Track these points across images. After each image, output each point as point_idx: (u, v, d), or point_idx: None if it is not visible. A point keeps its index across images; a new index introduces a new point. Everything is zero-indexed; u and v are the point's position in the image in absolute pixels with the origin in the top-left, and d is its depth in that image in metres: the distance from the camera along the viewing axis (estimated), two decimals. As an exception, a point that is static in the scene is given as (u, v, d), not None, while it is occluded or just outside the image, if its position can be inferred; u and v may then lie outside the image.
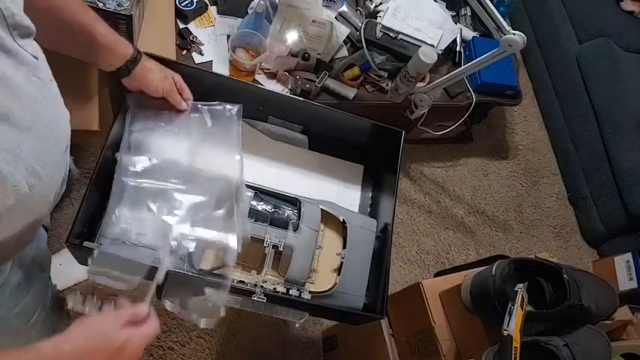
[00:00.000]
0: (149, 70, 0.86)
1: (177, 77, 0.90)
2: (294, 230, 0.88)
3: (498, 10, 1.19)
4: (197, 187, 0.89)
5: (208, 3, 1.52)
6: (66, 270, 1.42)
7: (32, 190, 0.58)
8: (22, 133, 0.54)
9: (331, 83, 1.53)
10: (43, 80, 0.60)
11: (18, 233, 0.63)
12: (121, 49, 0.82)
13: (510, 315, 0.90)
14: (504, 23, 1.19)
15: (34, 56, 0.57)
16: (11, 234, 0.61)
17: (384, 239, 0.96)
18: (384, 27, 1.58)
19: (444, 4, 1.77)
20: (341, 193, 1.04)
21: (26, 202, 0.59)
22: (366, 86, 1.61)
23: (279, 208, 0.93)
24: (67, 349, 0.57)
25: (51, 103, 0.62)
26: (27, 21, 0.55)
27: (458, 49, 1.72)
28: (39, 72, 0.59)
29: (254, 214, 0.90)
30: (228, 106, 0.95)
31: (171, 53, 1.38)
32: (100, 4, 1.12)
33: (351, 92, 1.55)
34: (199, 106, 0.94)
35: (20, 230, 0.63)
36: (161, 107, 0.92)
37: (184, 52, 1.44)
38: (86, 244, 0.80)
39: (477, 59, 1.35)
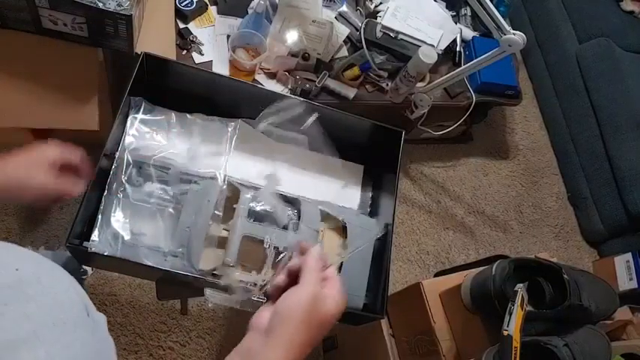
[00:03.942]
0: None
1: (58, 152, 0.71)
2: (294, 230, 0.88)
3: (498, 10, 1.19)
4: (196, 188, 0.89)
5: (208, 3, 1.52)
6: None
7: None
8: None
9: (331, 83, 1.53)
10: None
11: None
12: None
13: (510, 315, 0.90)
14: (504, 23, 1.19)
15: None
16: None
17: (384, 239, 0.96)
18: (384, 27, 1.58)
19: (444, 4, 1.76)
20: (341, 193, 1.04)
21: None
22: (366, 86, 1.61)
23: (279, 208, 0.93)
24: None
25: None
26: None
27: (458, 49, 1.72)
28: None
29: (254, 215, 0.90)
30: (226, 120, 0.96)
31: (171, 53, 1.38)
32: (100, 4, 1.12)
33: (351, 92, 1.55)
34: (198, 120, 0.95)
35: None
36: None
37: (184, 52, 1.44)
38: (85, 244, 0.80)
39: (477, 59, 1.35)
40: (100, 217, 0.83)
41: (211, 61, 1.46)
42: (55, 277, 0.47)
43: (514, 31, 1.18)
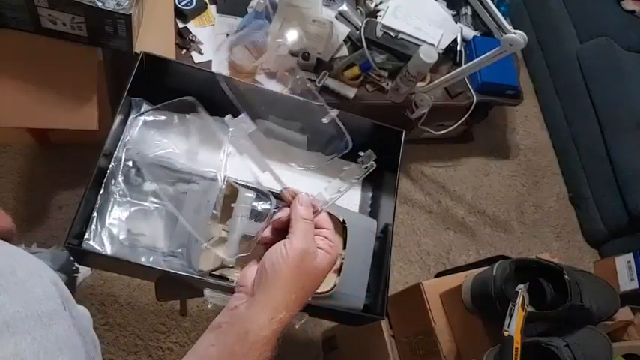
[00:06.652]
0: None
1: None
2: (294, 230, 0.88)
3: (499, 10, 1.19)
4: (195, 188, 0.89)
5: (208, 2, 1.51)
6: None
7: None
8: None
9: (331, 83, 1.52)
10: None
11: None
12: None
13: (511, 315, 0.90)
14: (505, 22, 1.18)
15: None
16: None
17: (384, 239, 0.96)
18: (384, 26, 1.58)
19: (445, 3, 1.76)
20: (341, 193, 1.04)
21: None
22: (367, 86, 1.60)
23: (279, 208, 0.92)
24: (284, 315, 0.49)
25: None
26: None
27: (458, 48, 1.72)
28: None
29: (254, 215, 0.89)
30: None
31: (170, 53, 1.37)
32: (99, 4, 1.12)
33: (351, 92, 1.55)
34: (198, 120, 0.94)
35: None
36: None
37: (184, 51, 1.44)
38: (85, 244, 0.80)
39: (478, 59, 1.35)
40: (95, 215, 0.83)
41: (211, 60, 1.45)
42: (32, 270, 0.47)
43: (515, 31, 1.18)
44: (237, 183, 0.90)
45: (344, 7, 1.58)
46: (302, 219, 0.53)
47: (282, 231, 0.54)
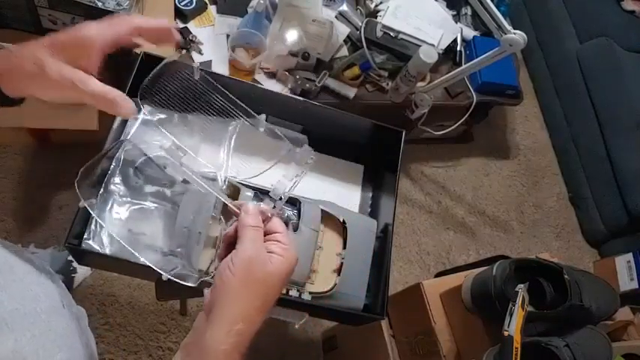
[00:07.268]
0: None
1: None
2: (294, 231, 0.88)
3: (499, 10, 1.19)
4: (194, 188, 0.88)
5: (208, 2, 1.51)
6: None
7: None
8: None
9: (331, 83, 1.52)
10: None
11: None
12: None
13: (511, 315, 0.90)
14: (505, 22, 1.18)
15: None
16: None
17: (384, 239, 0.96)
18: (384, 26, 1.58)
19: (445, 3, 1.76)
20: (341, 193, 1.04)
21: None
22: (367, 86, 1.60)
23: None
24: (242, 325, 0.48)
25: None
26: None
27: (458, 48, 1.72)
28: None
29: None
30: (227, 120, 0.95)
31: (170, 53, 1.37)
32: (99, 4, 1.12)
33: (351, 92, 1.55)
34: (198, 120, 0.94)
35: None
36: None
37: (184, 51, 1.44)
38: (84, 244, 0.80)
39: (478, 59, 1.35)
40: (95, 215, 0.83)
41: (211, 60, 1.45)
42: (29, 268, 0.47)
43: (515, 31, 1.18)
44: (239, 183, 0.90)
45: (344, 7, 1.58)
46: (248, 226, 0.53)
47: (234, 245, 0.54)
